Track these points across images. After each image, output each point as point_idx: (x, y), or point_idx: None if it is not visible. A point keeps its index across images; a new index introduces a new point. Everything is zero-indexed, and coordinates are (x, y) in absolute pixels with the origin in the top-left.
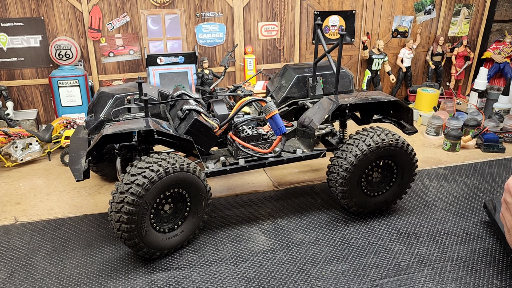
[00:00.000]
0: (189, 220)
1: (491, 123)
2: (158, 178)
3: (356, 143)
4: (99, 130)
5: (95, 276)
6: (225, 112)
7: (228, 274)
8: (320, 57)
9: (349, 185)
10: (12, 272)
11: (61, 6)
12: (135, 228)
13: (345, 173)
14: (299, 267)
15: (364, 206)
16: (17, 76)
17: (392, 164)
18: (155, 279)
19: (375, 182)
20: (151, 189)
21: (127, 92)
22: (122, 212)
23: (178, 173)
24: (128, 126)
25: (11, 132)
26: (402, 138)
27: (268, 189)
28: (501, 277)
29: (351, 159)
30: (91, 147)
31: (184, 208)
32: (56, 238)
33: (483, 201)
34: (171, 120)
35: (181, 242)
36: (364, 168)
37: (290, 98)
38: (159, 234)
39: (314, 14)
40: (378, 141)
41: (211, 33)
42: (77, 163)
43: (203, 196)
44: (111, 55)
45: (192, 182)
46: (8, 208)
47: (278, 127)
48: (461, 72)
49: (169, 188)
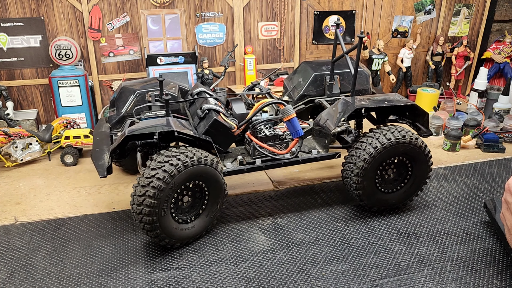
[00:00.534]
0: (202, 217)
1: (491, 123)
2: (191, 164)
3: (377, 136)
4: (121, 125)
5: (95, 276)
6: (243, 111)
7: (228, 274)
8: (338, 57)
9: (365, 177)
10: (12, 272)
11: (61, 6)
12: (158, 206)
13: (363, 164)
14: (299, 267)
15: (375, 201)
16: (17, 76)
17: (408, 164)
18: (155, 279)
19: (389, 179)
20: (182, 171)
21: (149, 88)
22: (150, 187)
23: (207, 166)
24: (149, 126)
25: (11, 132)
26: (421, 139)
27: (268, 189)
28: (501, 277)
29: (370, 150)
30: (114, 145)
31: (201, 204)
32: (56, 238)
33: (483, 201)
34: (191, 117)
35: (189, 237)
36: (382, 162)
37: (307, 96)
38: (173, 222)
39: (314, 14)
40: (398, 137)
41: (211, 33)
42: (100, 159)
43: (221, 197)
44: (111, 55)
45: (215, 178)
46: (8, 208)
47: (295, 130)
48: (461, 72)
49: (195, 178)
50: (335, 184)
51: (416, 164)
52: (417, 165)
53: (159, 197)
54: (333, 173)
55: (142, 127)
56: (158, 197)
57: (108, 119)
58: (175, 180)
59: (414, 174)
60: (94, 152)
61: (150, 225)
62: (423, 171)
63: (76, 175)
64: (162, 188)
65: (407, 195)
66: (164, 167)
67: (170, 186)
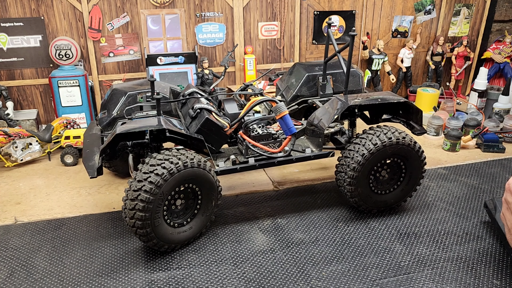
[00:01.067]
0: (198, 217)
1: (491, 123)
2: (177, 170)
3: (363, 143)
4: (112, 127)
5: (95, 276)
6: (236, 111)
7: (228, 274)
8: (330, 56)
9: (358, 184)
10: (12, 272)
11: (61, 6)
12: (149, 217)
13: (353, 173)
14: (299, 267)
15: (373, 204)
16: (17, 76)
17: (401, 163)
18: (155, 279)
19: (383, 180)
20: (168, 180)
21: (140, 90)
22: (139, 200)
23: (194, 169)
24: (140, 125)
25: (11, 132)
26: (409, 136)
27: (268, 189)
28: (501, 277)
29: (358, 159)
30: (104, 145)
31: (195, 205)
32: (56, 238)
33: (483, 201)
34: (183, 118)
35: (188, 238)
36: (372, 166)
37: (300, 97)
38: (169, 228)
39: (314, 14)
40: (385, 140)
41: (211, 33)
42: (90, 160)
43: (214, 195)
44: (111, 55)
45: (205, 178)
46: (8, 208)
47: (288, 127)
48: (461, 72)
49: (184, 182)
50: (335, 184)
51: (409, 161)
52: (410, 163)
53: (149, 209)
54: (332, 173)
55: (133, 126)
56: (147, 209)
57: (99, 121)
58: (163, 190)
59: (408, 171)
60: (85, 154)
61: (145, 236)
62: (417, 167)
63: (76, 175)
64: (151, 200)
65: (405, 193)
66: (150, 178)
67: (158, 197)
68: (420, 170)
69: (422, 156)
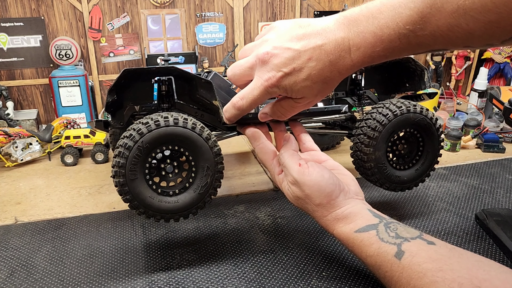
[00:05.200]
0: (189, 192)
1: (491, 123)
2: (154, 126)
3: (387, 105)
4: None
5: (95, 276)
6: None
7: (228, 274)
8: None
9: (376, 147)
10: (12, 272)
11: (61, 6)
12: (124, 165)
13: (374, 132)
14: (300, 267)
15: (386, 177)
16: (17, 76)
17: (419, 138)
18: (155, 279)
19: (400, 154)
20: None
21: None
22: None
23: (176, 128)
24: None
25: (11, 132)
26: (432, 112)
27: (268, 189)
28: None
29: (381, 118)
30: (112, 84)
31: (188, 178)
32: (56, 238)
33: (483, 201)
34: None
35: (170, 211)
36: (393, 132)
37: None
38: (149, 190)
39: (314, 14)
40: (409, 107)
41: (211, 33)
42: None
43: (211, 169)
44: (111, 55)
45: (193, 141)
46: (8, 208)
47: None
48: (461, 72)
49: (168, 143)
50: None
51: (427, 137)
52: (428, 139)
53: (125, 156)
54: None
55: (143, 68)
56: (124, 155)
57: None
58: (144, 139)
59: (425, 150)
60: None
61: (118, 187)
62: (435, 148)
63: (76, 175)
64: (128, 146)
65: (418, 173)
66: (135, 126)
67: (138, 145)
68: (437, 152)
69: (440, 137)
